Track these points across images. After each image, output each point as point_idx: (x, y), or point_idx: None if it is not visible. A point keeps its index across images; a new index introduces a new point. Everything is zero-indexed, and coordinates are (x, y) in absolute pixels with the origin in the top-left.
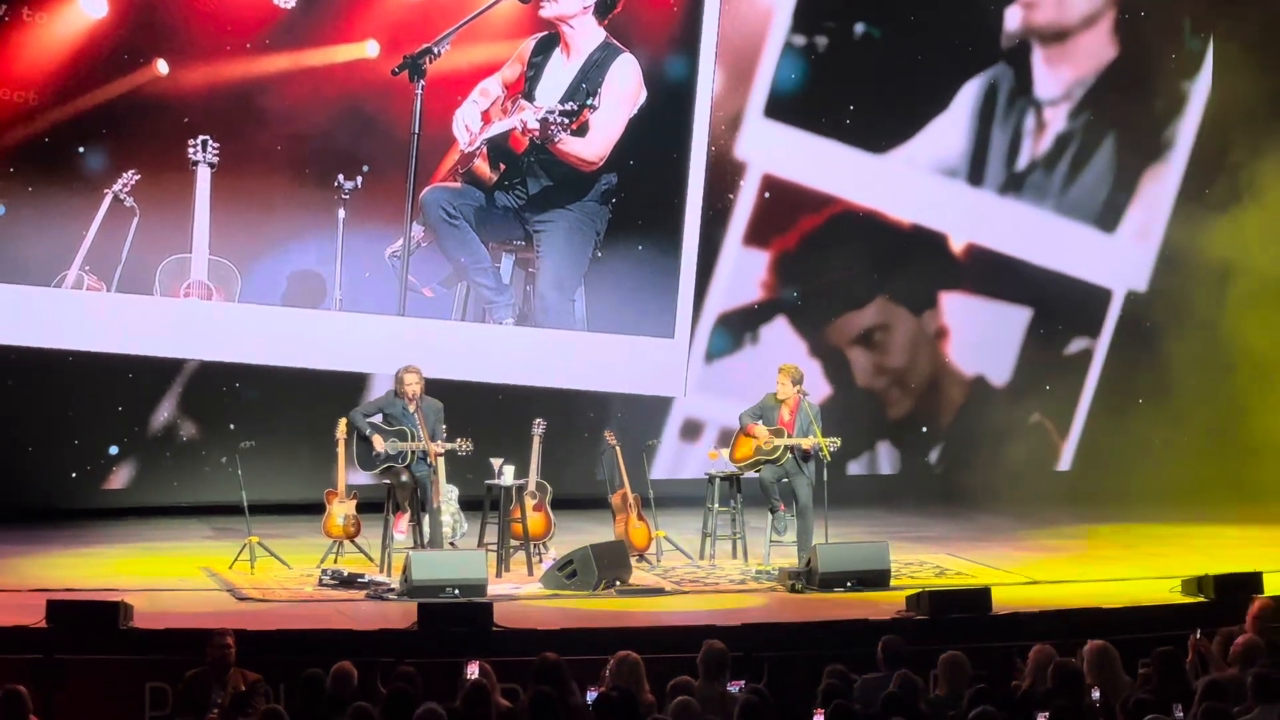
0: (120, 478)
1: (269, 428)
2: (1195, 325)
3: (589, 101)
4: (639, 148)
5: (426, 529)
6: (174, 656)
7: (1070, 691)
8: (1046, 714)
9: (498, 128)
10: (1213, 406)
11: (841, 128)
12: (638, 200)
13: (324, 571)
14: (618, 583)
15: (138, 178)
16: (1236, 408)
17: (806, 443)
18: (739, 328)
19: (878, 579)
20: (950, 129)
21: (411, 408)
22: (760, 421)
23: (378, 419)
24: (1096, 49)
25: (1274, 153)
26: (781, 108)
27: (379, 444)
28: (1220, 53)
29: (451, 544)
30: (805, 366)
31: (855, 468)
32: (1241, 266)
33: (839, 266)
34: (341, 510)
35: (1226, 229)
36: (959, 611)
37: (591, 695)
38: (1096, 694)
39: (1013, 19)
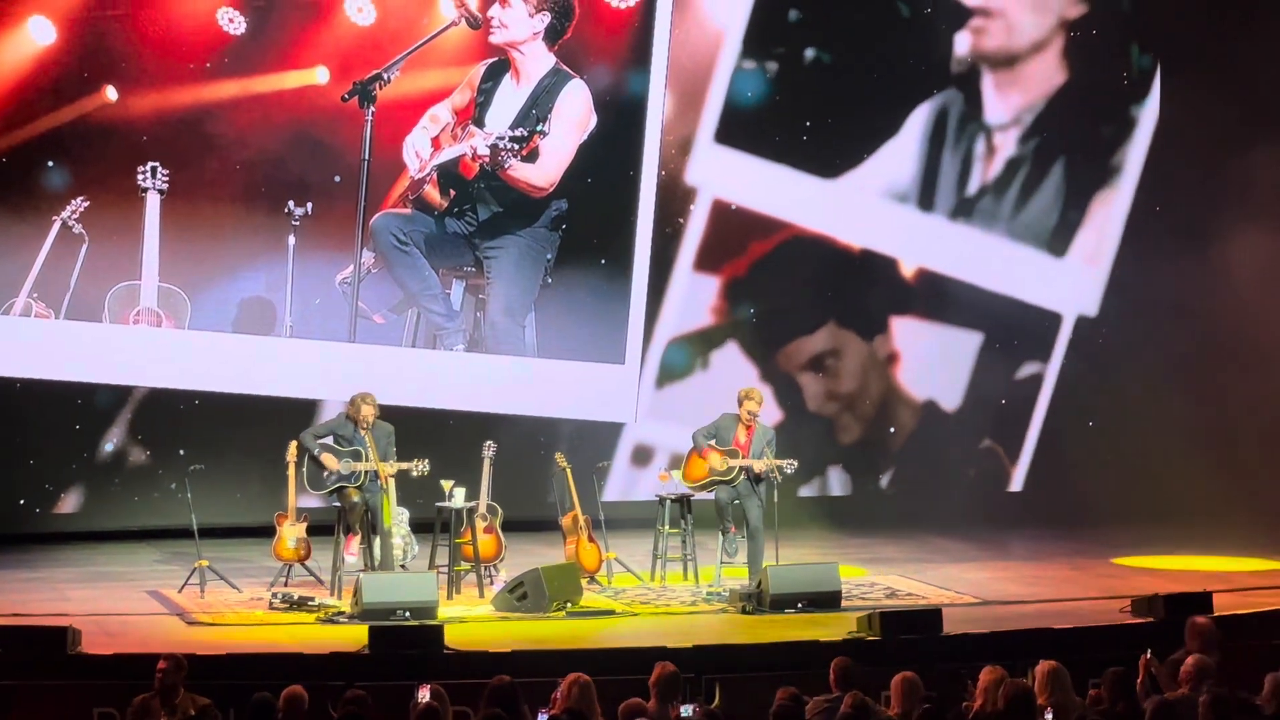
0: (70, 503)
1: (219, 452)
2: (1145, 349)
3: (539, 127)
4: (589, 173)
5: (377, 551)
6: (123, 681)
7: (1021, 712)
8: None
9: (448, 154)
10: (1163, 429)
11: (792, 152)
12: (588, 226)
13: (274, 594)
14: (568, 604)
15: (87, 204)
16: (1186, 432)
17: (759, 465)
18: (689, 353)
19: (829, 600)
20: (901, 154)
21: (363, 431)
22: (715, 441)
23: (329, 440)
24: (1046, 74)
25: (1223, 174)
26: (732, 132)
27: (330, 462)
28: (1168, 77)
29: (402, 566)
30: (757, 390)
31: (806, 491)
32: (1190, 290)
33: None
34: (292, 533)
35: (1177, 253)
36: (910, 633)
37: (542, 718)
38: (1049, 715)
39: (962, 44)
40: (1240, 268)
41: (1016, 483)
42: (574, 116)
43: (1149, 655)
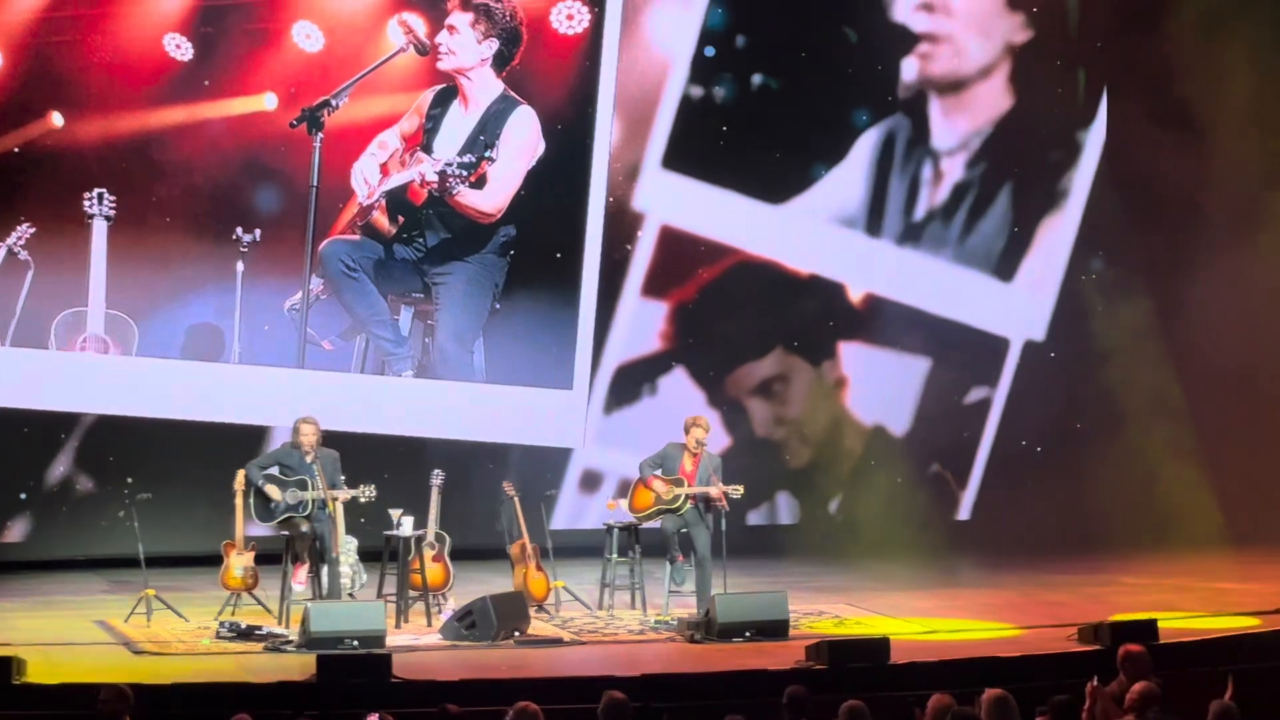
0: (16, 532)
1: (167, 480)
2: (1093, 375)
3: (487, 154)
4: (537, 199)
5: (325, 580)
6: (68, 711)
7: None
8: None
9: (396, 180)
10: (1110, 455)
11: (740, 178)
12: (536, 252)
13: (221, 624)
14: (516, 633)
15: (32, 231)
16: (1133, 456)
17: (714, 491)
18: (638, 379)
19: (776, 629)
20: (848, 179)
21: (309, 458)
22: (660, 470)
23: (275, 470)
24: (993, 99)
25: (1166, 202)
26: (680, 158)
27: (274, 494)
28: (1114, 102)
29: (350, 595)
30: (704, 417)
31: (755, 518)
32: (1135, 315)
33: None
34: (239, 562)
35: (1123, 277)
36: (858, 661)
37: None
38: None
39: (909, 70)
40: (1188, 292)
41: (965, 508)
42: (522, 143)
43: (1095, 682)
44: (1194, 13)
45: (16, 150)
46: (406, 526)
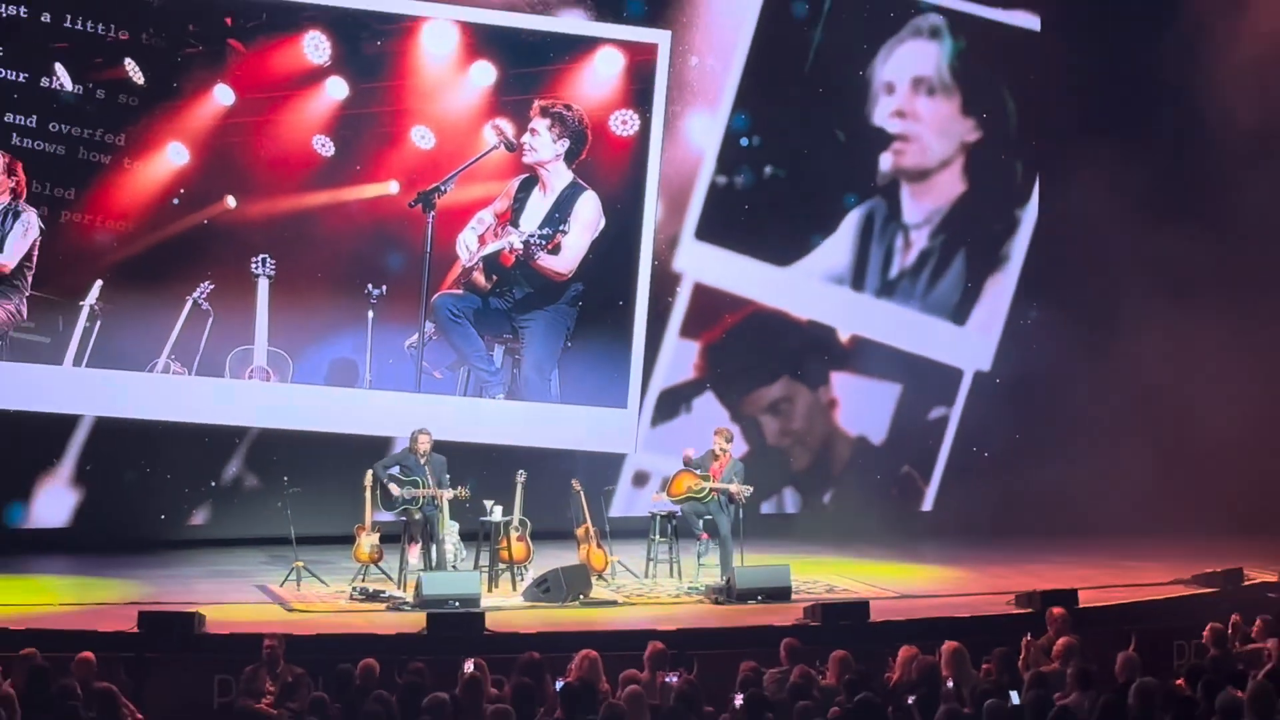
0: (199, 517)
1: (313, 478)
2: (1029, 397)
3: (561, 228)
4: (600, 263)
5: (434, 556)
6: (236, 655)
7: (930, 682)
8: (914, 699)
9: (491, 248)
10: (1042, 459)
11: (755, 246)
12: (599, 303)
13: (354, 589)
14: (581, 596)
15: (212, 287)
16: (1061, 459)
17: (734, 489)
18: (677, 400)
19: (782, 594)
20: (838, 247)
21: (423, 461)
22: (698, 469)
23: (396, 470)
24: (950, 185)
25: (1086, 262)
26: (709, 231)
27: (395, 491)
28: (1046, 185)
29: (453, 567)
30: (727, 429)
31: (766, 508)
32: (1062, 350)
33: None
34: (368, 541)
35: (1053, 321)
36: (845, 620)
37: (559, 684)
38: (950, 684)
39: (885, 162)
40: (1107, 331)
41: (928, 501)
42: (588, 219)
43: (1029, 638)
44: (1107, 136)
45: (205, 223)
46: (496, 514)
